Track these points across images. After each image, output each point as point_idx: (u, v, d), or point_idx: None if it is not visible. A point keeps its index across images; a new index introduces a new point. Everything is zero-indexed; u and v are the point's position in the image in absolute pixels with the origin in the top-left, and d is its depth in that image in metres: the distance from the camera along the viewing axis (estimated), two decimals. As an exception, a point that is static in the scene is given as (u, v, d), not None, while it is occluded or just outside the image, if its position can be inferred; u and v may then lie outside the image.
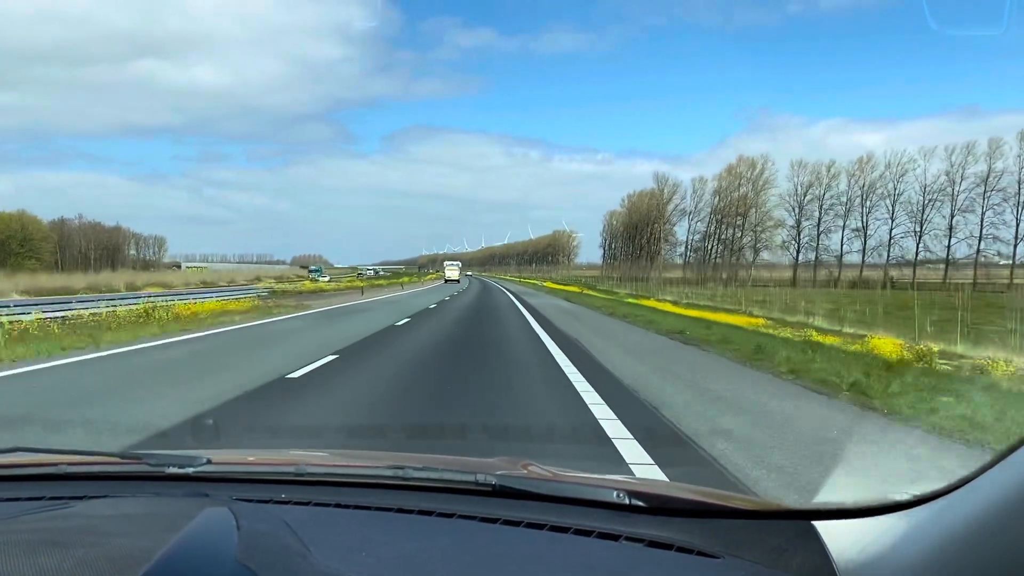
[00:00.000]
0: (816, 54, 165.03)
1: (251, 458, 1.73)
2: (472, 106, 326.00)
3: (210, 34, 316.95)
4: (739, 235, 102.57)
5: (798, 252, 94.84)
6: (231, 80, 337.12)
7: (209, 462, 1.49)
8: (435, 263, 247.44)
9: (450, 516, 1.31)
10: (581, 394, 8.06)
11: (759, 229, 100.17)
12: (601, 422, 6.52)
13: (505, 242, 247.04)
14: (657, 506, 1.31)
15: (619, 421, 6.53)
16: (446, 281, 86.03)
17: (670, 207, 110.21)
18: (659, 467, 4.95)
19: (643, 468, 4.93)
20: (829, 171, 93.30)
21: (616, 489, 1.33)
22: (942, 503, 1.06)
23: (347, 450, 2.05)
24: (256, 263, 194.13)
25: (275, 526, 1.20)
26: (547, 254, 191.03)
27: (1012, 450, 0.98)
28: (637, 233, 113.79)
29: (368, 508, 1.36)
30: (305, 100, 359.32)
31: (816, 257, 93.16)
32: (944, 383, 8.88)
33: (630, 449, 5.47)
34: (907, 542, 1.07)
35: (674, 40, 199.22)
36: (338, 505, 1.37)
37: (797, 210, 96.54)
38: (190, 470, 1.46)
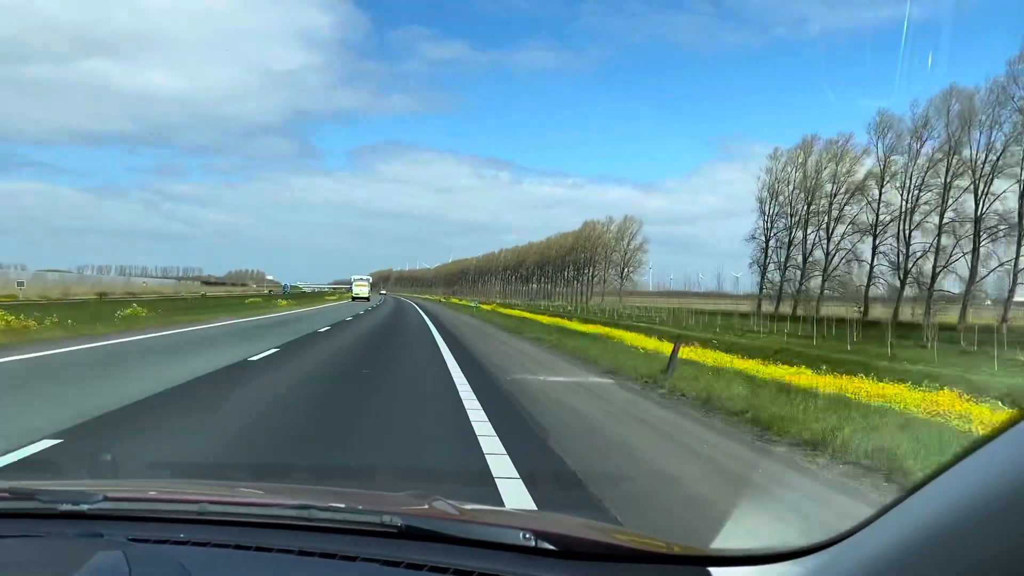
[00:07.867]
0: (798, 80, 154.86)
1: (151, 493, 1.69)
2: (441, 124, 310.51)
3: (163, 34, 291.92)
4: None
5: None
6: (187, 86, 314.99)
7: (105, 498, 1.45)
8: (387, 281, 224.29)
9: (353, 559, 1.29)
10: None
11: None
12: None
13: (483, 253, 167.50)
14: (563, 548, 1.31)
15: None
16: (354, 299, 76.98)
17: None
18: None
19: None
20: None
21: (523, 530, 1.33)
22: (837, 550, 1.06)
23: (252, 483, 2.04)
24: (181, 278, 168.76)
25: (170, 571, 1.17)
26: (567, 264, 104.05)
27: (904, 497, 0.97)
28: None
29: (270, 550, 1.33)
30: (266, 109, 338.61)
31: None
32: None
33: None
34: None
35: (650, 63, 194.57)
36: (238, 547, 1.34)
37: None
38: (85, 507, 1.42)
